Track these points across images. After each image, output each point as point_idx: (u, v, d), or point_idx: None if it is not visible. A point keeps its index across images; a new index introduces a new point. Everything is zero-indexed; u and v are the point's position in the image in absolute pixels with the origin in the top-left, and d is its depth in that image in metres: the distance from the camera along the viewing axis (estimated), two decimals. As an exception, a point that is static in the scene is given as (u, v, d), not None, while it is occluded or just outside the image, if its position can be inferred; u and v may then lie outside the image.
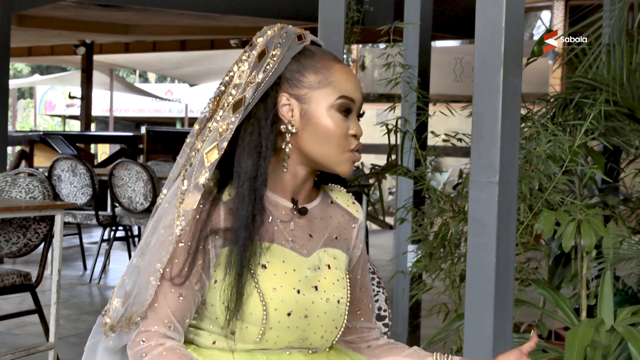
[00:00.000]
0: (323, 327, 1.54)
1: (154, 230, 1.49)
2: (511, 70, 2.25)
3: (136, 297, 1.46)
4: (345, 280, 1.58)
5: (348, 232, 1.65)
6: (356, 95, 1.55)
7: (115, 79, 17.53)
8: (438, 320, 3.24)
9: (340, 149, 1.52)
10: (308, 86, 1.51)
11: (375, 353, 1.68)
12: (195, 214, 1.46)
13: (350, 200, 1.68)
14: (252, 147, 1.48)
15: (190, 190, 1.47)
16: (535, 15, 13.50)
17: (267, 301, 1.46)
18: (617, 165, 3.69)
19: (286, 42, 1.52)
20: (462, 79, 13.59)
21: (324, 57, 1.54)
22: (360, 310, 1.68)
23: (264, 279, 1.48)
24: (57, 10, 9.57)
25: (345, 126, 1.53)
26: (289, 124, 1.51)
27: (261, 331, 1.47)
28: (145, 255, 1.48)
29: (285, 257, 1.52)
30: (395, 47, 3.32)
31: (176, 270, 1.44)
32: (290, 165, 1.54)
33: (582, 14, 3.33)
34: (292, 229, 1.56)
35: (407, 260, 3.69)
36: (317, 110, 1.51)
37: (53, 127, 25.30)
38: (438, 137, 3.22)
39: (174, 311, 1.45)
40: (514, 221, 2.32)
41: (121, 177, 6.22)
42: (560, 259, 3.38)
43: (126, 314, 1.45)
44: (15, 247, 3.96)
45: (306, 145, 1.52)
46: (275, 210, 1.54)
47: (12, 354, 3.75)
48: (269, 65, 1.50)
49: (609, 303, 2.65)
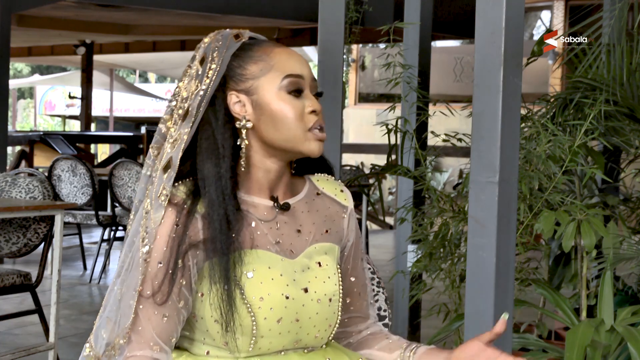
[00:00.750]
0: (316, 328, 1.52)
1: (127, 253, 1.47)
2: (511, 70, 2.25)
3: (117, 323, 1.44)
4: (336, 276, 1.55)
5: (339, 223, 1.61)
6: (303, 71, 1.51)
7: (115, 79, 17.52)
8: (438, 320, 3.24)
9: (299, 129, 1.48)
10: (252, 77, 1.49)
11: (354, 347, 1.66)
12: (171, 231, 1.43)
13: (338, 188, 1.64)
14: (209, 151, 1.45)
15: (153, 208, 1.44)
16: (535, 15, 13.50)
17: (255, 311, 1.44)
18: (617, 165, 3.69)
19: (223, 44, 1.50)
20: (462, 79, 13.59)
21: (261, 45, 1.52)
22: (351, 300, 1.65)
23: (250, 289, 1.45)
24: (57, 10, 9.57)
25: (299, 105, 1.49)
26: (244, 119, 1.48)
27: (252, 341, 1.45)
28: (123, 279, 1.45)
29: (271, 262, 1.48)
30: (395, 47, 3.32)
31: (157, 291, 1.42)
32: (259, 160, 1.51)
33: (582, 14, 3.33)
34: (277, 227, 1.52)
35: (407, 260, 3.69)
36: (266, 96, 1.48)
37: (53, 127, 25.30)
38: (438, 137, 3.22)
39: (159, 333, 1.42)
40: (514, 221, 2.32)
41: (121, 177, 6.22)
42: (560, 259, 3.38)
43: (110, 342, 1.44)
44: (15, 247, 3.96)
45: (267, 135, 1.49)
46: (256, 212, 1.51)
47: (12, 354, 3.75)
48: (210, 70, 1.48)
49: (609, 303, 2.65)
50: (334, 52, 3.09)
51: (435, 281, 3.21)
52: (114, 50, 14.02)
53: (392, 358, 1.60)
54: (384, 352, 1.62)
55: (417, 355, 1.58)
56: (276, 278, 1.47)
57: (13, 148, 12.39)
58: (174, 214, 1.44)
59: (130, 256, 1.46)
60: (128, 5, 8.44)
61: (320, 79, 3.33)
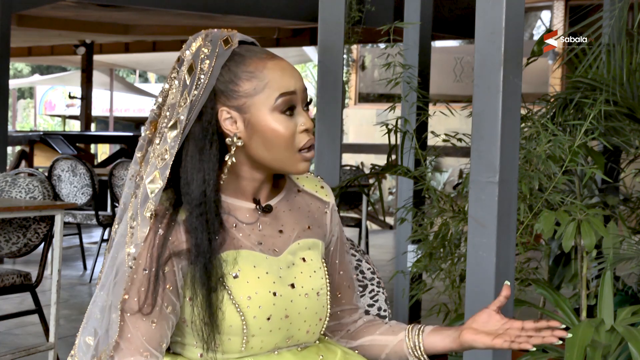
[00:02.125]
0: (307, 323, 1.52)
1: (112, 265, 1.47)
2: (511, 70, 2.25)
3: (103, 335, 1.44)
4: (322, 270, 1.56)
5: (321, 219, 1.61)
6: (296, 85, 1.48)
7: (115, 79, 17.52)
8: (438, 320, 3.24)
9: (290, 151, 1.47)
10: (245, 95, 1.46)
11: (353, 335, 1.66)
12: (152, 239, 1.43)
13: (318, 185, 1.64)
14: (195, 170, 1.44)
15: (139, 224, 1.44)
16: (535, 15, 13.49)
17: (244, 310, 1.44)
18: (617, 165, 3.69)
19: (212, 51, 1.46)
20: (462, 79, 13.58)
21: (253, 58, 1.48)
22: (341, 294, 1.66)
23: (237, 289, 1.45)
24: (57, 10, 9.57)
25: (292, 125, 1.47)
26: (234, 137, 1.46)
27: (244, 340, 1.46)
28: (108, 291, 1.45)
29: (256, 261, 1.49)
30: (395, 47, 3.32)
31: (142, 299, 1.42)
32: (245, 171, 1.50)
33: (582, 14, 3.33)
34: (260, 229, 1.52)
35: (407, 260, 3.70)
36: (259, 116, 1.46)
37: (53, 127, 25.30)
38: (438, 137, 3.23)
39: (149, 339, 1.43)
40: (514, 221, 2.32)
41: (121, 177, 6.22)
42: (560, 259, 3.38)
43: (97, 353, 1.44)
44: (15, 247, 3.96)
45: (257, 153, 1.48)
46: (239, 215, 1.51)
47: (12, 354, 3.75)
48: (199, 81, 1.45)
49: (609, 303, 2.65)
50: (334, 52, 3.10)
51: (435, 281, 3.21)
52: (114, 50, 14.02)
53: (399, 338, 1.60)
54: (387, 335, 1.62)
55: (426, 333, 1.58)
56: (262, 276, 1.48)
57: (13, 148, 12.39)
58: (155, 223, 1.44)
59: (115, 268, 1.45)
60: (128, 5, 8.44)
61: (320, 79, 3.34)
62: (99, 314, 1.46)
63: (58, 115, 24.18)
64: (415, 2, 3.93)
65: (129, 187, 1.51)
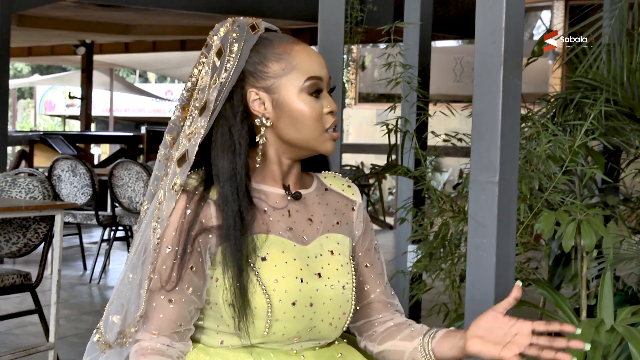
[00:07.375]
0: (330, 314, 1.53)
1: (141, 243, 1.49)
2: (511, 70, 2.25)
3: (129, 311, 1.47)
4: (349, 266, 1.57)
5: (348, 216, 1.64)
6: (322, 72, 1.54)
7: (115, 79, 17.52)
8: (438, 320, 3.24)
9: (317, 130, 1.52)
10: (273, 75, 1.50)
11: (379, 339, 1.66)
12: (181, 217, 1.46)
13: (345, 184, 1.67)
14: (225, 147, 1.47)
15: (166, 199, 1.47)
16: (535, 15, 13.50)
17: (270, 293, 1.46)
18: (617, 165, 3.69)
19: (241, 35, 1.51)
20: (462, 79, 13.59)
21: (282, 42, 1.53)
22: (369, 287, 1.66)
23: (265, 271, 1.47)
24: (57, 10, 9.57)
25: (319, 106, 1.52)
26: (263, 117, 1.50)
27: (267, 324, 1.46)
28: (135, 268, 1.48)
29: (284, 247, 1.51)
30: (395, 47, 3.32)
31: (165, 277, 1.44)
32: (274, 155, 1.54)
33: (582, 14, 3.33)
34: (289, 215, 1.55)
35: (407, 260, 3.69)
36: (288, 97, 1.50)
37: (53, 127, 25.30)
38: (438, 137, 3.23)
39: (168, 318, 1.45)
40: (514, 221, 2.32)
41: (121, 177, 6.22)
42: (560, 259, 3.38)
43: (123, 329, 1.47)
44: (15, 247, 3.96)
45: (285, 134, 1.51)
46: (269, 200, 1.54)
47: (12, 354, 3.76)
48: (229, 63, 1.49)
49: (609, 303, 2.65)
50: (334, 52, 3.10)
51: (435, 281, 3.21)
52: (114, 50, 14.03)
53: (413, 346, 1.60)
54: (406, 341, 1.62)
55: (436, 340, 1.58)
56: (290, 262, 1.50)
57: (13, 148, 12.40)
58: (184, 200, 1.47)
59: (143, 245, 1.48)
60: (128, 5, 8.44)
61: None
62: (127, 290, 1.49)
63: (58, 115, 24.19)
64: (415, 2, 3.93)
65: (158, 169, 1.54)
